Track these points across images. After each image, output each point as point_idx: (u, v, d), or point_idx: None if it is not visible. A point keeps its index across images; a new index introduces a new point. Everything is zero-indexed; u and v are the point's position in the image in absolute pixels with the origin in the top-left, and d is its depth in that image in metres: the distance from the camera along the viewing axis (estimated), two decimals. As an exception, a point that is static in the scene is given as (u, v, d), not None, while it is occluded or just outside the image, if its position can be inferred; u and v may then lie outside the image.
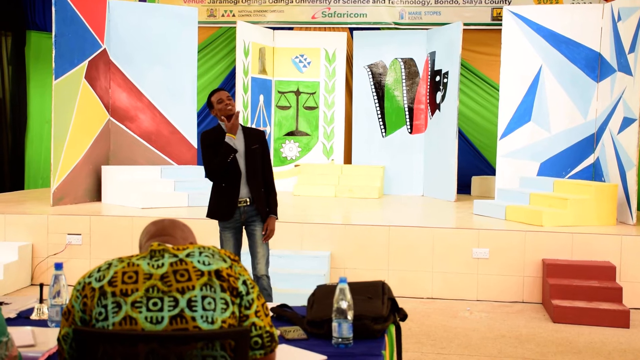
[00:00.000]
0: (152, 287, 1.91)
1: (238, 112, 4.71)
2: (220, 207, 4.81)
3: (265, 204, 4.83)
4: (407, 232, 6.77)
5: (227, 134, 4.66)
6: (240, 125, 4.80)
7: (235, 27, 10.50)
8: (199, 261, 1.98)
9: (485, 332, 5.52)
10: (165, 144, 9.31)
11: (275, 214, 4.86)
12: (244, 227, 4.88)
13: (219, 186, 4.80)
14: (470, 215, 8.02)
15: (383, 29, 11.34)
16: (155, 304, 1.89)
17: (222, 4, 11.57)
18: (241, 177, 4.73)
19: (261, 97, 10.81)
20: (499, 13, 10.64)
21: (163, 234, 2.20)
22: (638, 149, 7.22)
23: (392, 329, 2.79)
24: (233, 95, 10.88)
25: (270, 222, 4.82)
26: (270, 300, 4.80)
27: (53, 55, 7.89)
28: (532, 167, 8.58)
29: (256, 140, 4.82)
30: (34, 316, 2.87)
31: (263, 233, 4.80)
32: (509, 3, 10.83)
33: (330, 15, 11.44)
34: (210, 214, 4.88)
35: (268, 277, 4.88)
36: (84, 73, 8.43)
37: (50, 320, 2.76)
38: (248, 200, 4.76)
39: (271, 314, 2.82)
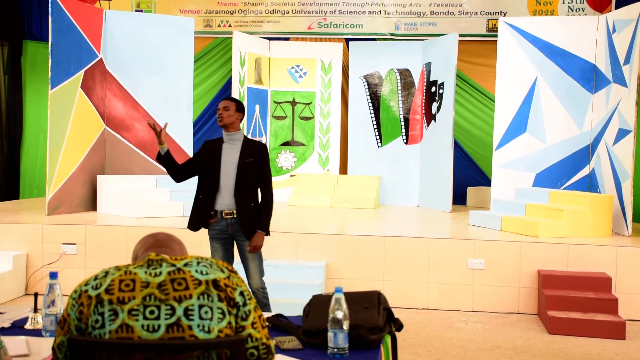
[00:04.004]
0: (149, 295, 1.91)
1: (155, 128, 4.61)
2: (194, 218, 4.79)
3: (251, 220, 4.72)
4: (403, 242, 6.77)
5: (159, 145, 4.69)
6: (243, 135, 4.82)
7: (231, 37, 10.52)
8: (196, 270, 1.98)
9: (481, 343, 5.51)
10: (161, 153, 9.29)
11: (263, 229, 4.72)
12: (234, 240, 4.84)
13: (197, 197, 4.80)
14: (466, 225, 8.02)
15: (379, 39, 11.36)
16: (152, 312, 1.88)
17: (219, 15, 11.60)
18: (224, 188, 4.69)
19: (257, 107, 10.82)
20: (495, 24, 10.69)
21: (161, 245, 2.20)
22: (633, 160, 7.25)
23: (388, 339, 2.79)
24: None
25: (255, 238, 4.67)
26: (269, 310, 4.78)
27: (49, 64, 7.89)
28: (528, 178, 8.60)
29: (253, 153, 4.75)
30: (28, 325, 2.86)
31: (249, 249, 4.70)
32: (505, 14, 10.87)
33: (326, 25, 11.47)
34: (188, 224, 4.83)
35: (264, 289, 4.85)
36: (80, 82, 8.43)
37: (45, 330, 2.75)
38: (235, 212, 4.70)
39: (268, 324, 2.82)
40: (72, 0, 8.32)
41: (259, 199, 4.81)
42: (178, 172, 4.80)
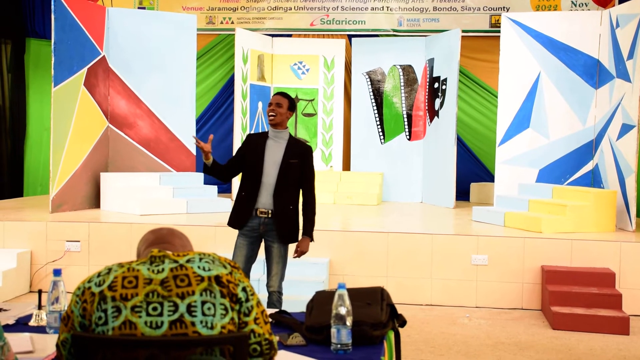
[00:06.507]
0: (152, 292, 1.91)
1: (202, 147, 4.49)
2: (235, 215, 4.69)
3: (287, 222, 4.61)
4: (406, 238, 6.77)
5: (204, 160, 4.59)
6: (289, 134, 4.69)
7: (234, 34, 10.51)
8: (199, 267, 1.98)
9: (485, 339, 5.51)
10: (164, 150, 9.31)
11: (309, 234, 4.64)
12: (263, 239, 4.71)
13: (240, 194, 4.68)
14: (469, 221, 8.01)
15: (381, 36, 11.35)
16: (155, 309, 1.89)
17: (221, 11, 11.60)
18: (264, 187, 4.56)
19: (260, 104, 10.82)
20: (498, 20, 10.67)
21: (162, 241, 2.20)
22: (637, 156, 7.23)
23: (391, 335, 2.79)
24: (231, 103, 10.90)
25: (302, 244, 4.61)
26: None
27: (52, 62, 7.89)
28: (531, 174, 8.59)
29: (298, 154, 4.61)
30: (32, 322, 2.87)
31: (295, 255, 4.61)
32: (508, 10, 10.85)
33: (328, 22, 11.46)
34: (228, 221, 4.74)
35: (279, 293, 4.70)
36: (83, 80, 8.44)
37: (49, 327, 2.76)
38: (270, 212, 4.57)
39: (271, 320, 2.82)
40: (74, -2, 8.33)
41: (299, 202, 4.68)
42: (225, 175, 4.73)
